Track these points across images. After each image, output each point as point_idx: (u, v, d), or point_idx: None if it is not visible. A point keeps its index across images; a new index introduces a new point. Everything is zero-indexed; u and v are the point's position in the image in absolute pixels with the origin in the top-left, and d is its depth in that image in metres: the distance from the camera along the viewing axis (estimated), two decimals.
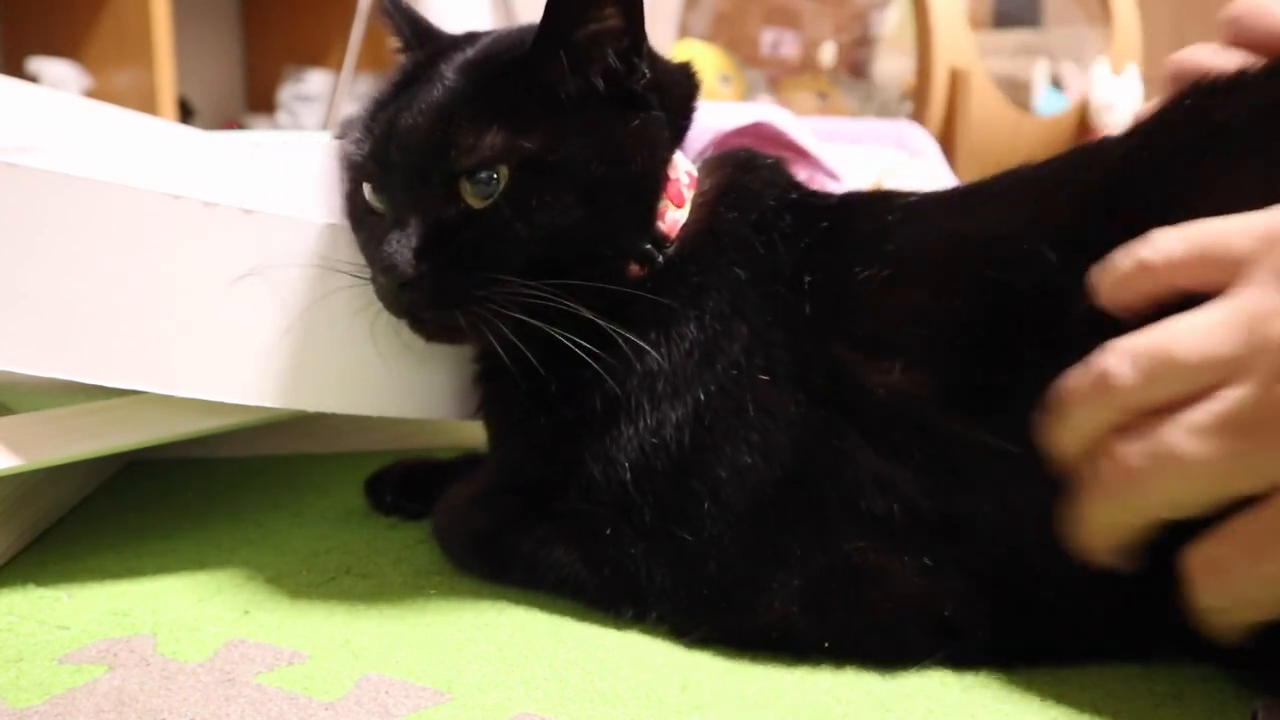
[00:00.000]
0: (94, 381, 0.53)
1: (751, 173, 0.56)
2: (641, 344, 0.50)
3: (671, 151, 0.54)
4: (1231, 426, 0.37)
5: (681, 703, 0.44)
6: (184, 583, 0.57)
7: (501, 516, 0.55)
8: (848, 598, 0.47)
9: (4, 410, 0.63)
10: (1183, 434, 0.38)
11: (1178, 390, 0.38)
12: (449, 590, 0.55)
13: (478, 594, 0.55)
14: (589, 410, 0.51)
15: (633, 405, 0.50)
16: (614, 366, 0.50)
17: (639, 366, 0.50)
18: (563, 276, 0.49)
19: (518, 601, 0.53)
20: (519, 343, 0.50)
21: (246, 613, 0.53)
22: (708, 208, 0.54)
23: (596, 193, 0.50)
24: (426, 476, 0.67)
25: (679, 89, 0.56)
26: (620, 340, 0.50)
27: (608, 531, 0.50)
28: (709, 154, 0.59)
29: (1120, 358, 0.39)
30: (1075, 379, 0.41)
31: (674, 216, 0.54)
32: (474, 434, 0.63)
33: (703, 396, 0.50)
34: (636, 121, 0.52)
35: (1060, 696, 0.44)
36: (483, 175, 0.49)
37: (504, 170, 0.49)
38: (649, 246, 0.53)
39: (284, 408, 0.56)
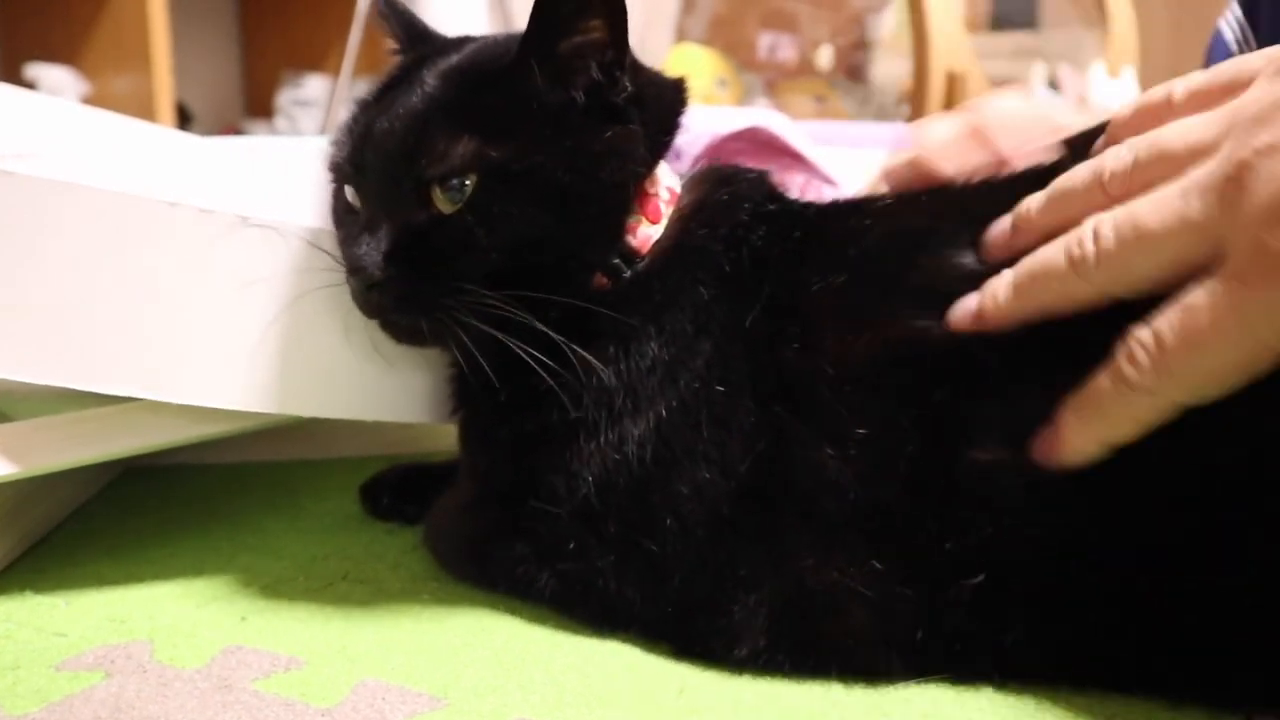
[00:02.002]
0: (90, 388, 0.53)
1: (729, 187, 0.55)
2: (595, 361, 0.50)
3: (649, 166, 0.54)
4: (1194, 189, 0.40)
5: (678, 707, 0.44)
6: (181, 589, 0.57)
7: (486, 527, 0.55)
8: (806, 630, 0.46)
9: (1, 418, 0.63)
10: (1148, 203, 0.41)
11: (1159, 174, 0.42)
12: (445, 596, 0.55)
13: (474, 599, 0.55)
14: (546, 423, 0.51)
15: (589, 420, 0.50)
16: (569, 382, 0.50)
17: (594, 382, 0.50)
18: (526, 288, 0.49)
19: (514, 607, 0.54)
20: (477, 353, 0.50)
21: (244, 619, 0.53)
22: (680, 224, 0.54)
23: (563, 204, 0.50)
24: (422, 480, 0.67)
25: (663, 103, 0.55)
26: (574, 356, 0.49)
27: (572, 546, 0.50)
28: (696, 167, 0.58)
29: (1120, 148, 0.43)
30: (1072, 174, 0.45)
31: (646, 232, 0.53)
32: None
33: (664, 413, 0.49)
34: (609, 134, 0.51)
35: (1057, 699, 0.44)
36: (453, 183, 0.49)
37: (473, 178, 0.49)
38: (617, 261, 0.52)
39: (280, 414, 0.56)
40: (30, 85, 1.93)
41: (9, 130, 0.72)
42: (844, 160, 0.90)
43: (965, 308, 0.45)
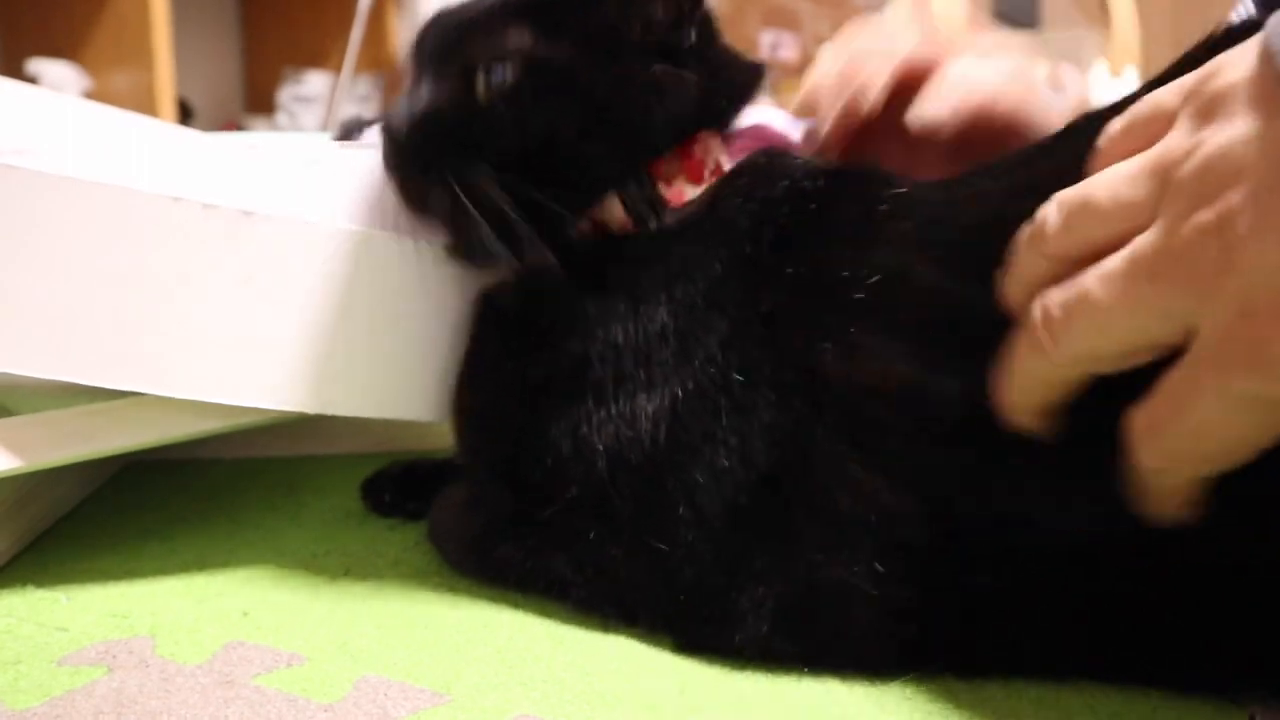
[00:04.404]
0: (93, 383, 0.53)
1: (768, 161, 0.55)
2: (595, 304, 0.51)
3: (697, 124, 0.55)
4: (1140, 269, 0.37)
5: (680, 705, 0.44)
6: (183, 584, 0.57)
7: (491, 519, 0.55)
8: (814, 621, 0.46)
9: (3, 412, 0.63)
10: (1095, 279, 0.38)
11: (1098, 236, 0.39)
12: (448, 592, 0.55)
13: (476, 596, 0.55)
14: (553, 372, 0.51)
15: (598, 380, 0.50)
16: (575, 317, 0.51)
17: (601, 334, 0.50)
18: (546, 192, 0.51)
19: (517, 603, 0.54)
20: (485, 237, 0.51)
21: (245, 614, 0.53)
22: (713, 191, 0.54)
23: (595, 116, 0.52)
24: (425, 476, 0.67)
25: (733, 75, 0.57)
26: (572, 292, 0.51)
27: (591, 535, 0.50)
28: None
29: (1051, 205, 0.41)
30: (1022, 230, 0.42)
31: (683, 188, 0.54)
32: None
33: (679, 393, 0.49)
34: (658, 70, 0.53)
35: (1060, 696, 0.44)
36: (496, 69, 0.51)
37: (515, 68, 0.51)
38: (644, 206, 0.53)
39: (283, 409, 0.56)
40: (32, 80, 1.93)
41: (11, 125, 0.72)
42: None
43: None
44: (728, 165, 0.55)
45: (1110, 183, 0.39)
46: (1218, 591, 0.42)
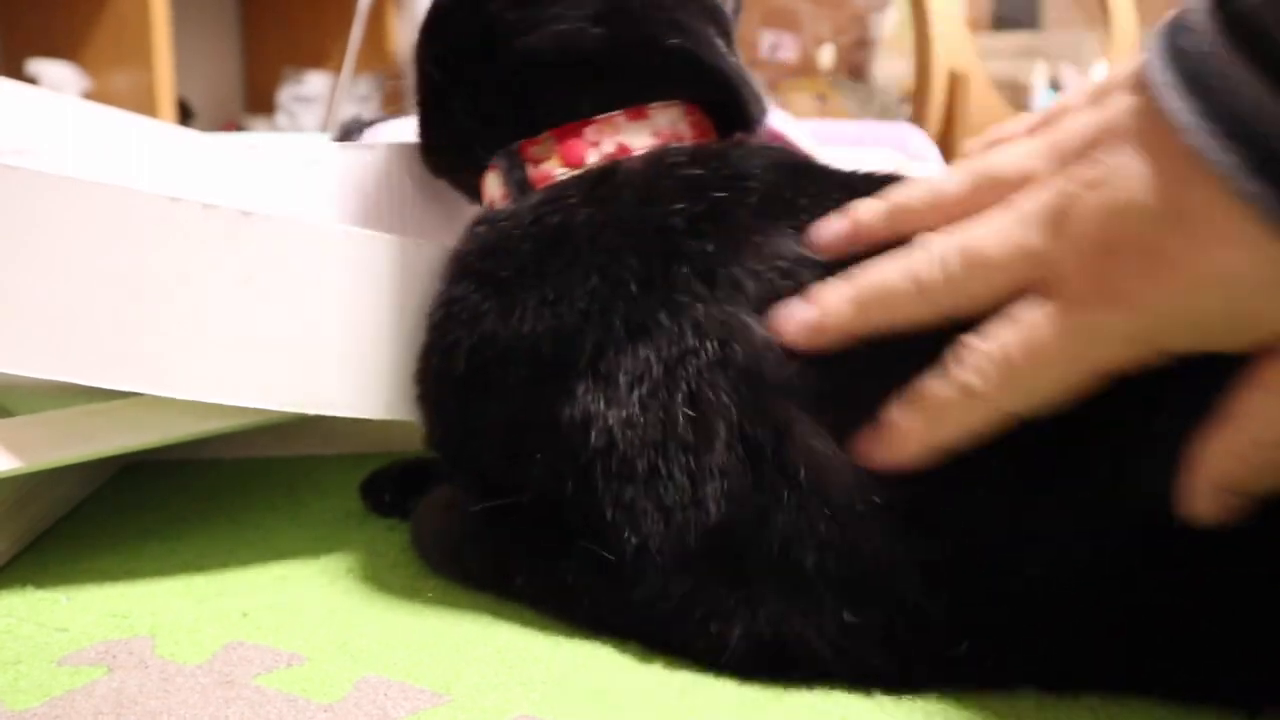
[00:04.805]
0: (93, 383, 0.53)
1: (659, 155, 0.52)
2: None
3: (598, 104, 0.53)
4: (1030, 219, 0.41)
5: (681, 706, 0.44)
6: (182, 585, 0.57)
7: (460, 521, 0.55)
8: (775, 665, 0.45)
9: (3, 412, 0.63)
10: (987, 230, 0.42)
11: (995, 199, 0.42)
12: (447, 592, 0.55)
13: (476, 596, 0.54)
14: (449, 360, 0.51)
15: (475, 367, 0.50)
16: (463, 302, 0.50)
17: (472, 320, 0.50)
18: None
19: (517, 603, 0.53)
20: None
21: (245, 615, 0.53)
22: (577, 183, 0.51)
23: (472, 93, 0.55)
24: (424, 476, 0.67)
25: (646, 50, 0.54)
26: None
27: (534, 538, 0.49)
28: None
29: (955, 170, 0.44)
30: (910, 189, 0.46)
31: (546, 170, 0.52)
32: None
33: (604, 409, 0.46)
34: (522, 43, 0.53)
35: (1060, 700, 0.44)
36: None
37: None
38: (512, 171, 0.53)
39: (282, 409, 0.56)
40: (32, 81, 1.93)
41: (11, 125, 0.72)
42: (846, 159, 0.90)
43: (801, 320, 0.44)
44: (639, 149, 0.52)
45: (1012, 159, 0.43)
46: (1219, 591, 0.42)
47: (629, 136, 0.53)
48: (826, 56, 2.37)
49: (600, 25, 0.53)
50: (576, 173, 0.52)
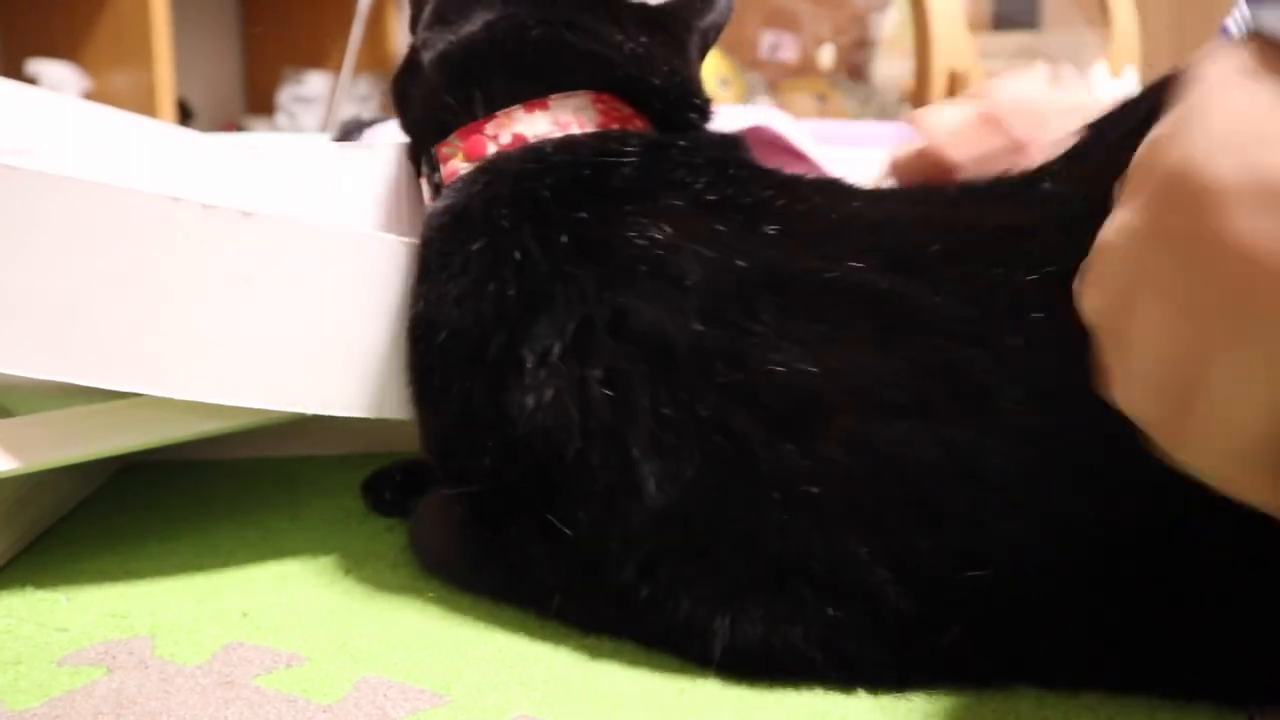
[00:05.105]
0: (93, 383, 0.53)
1: (563, 152, 0.53)
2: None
3: (512, 97, 0.55)
4: None
5: (680, 705, 0.44)
6: (183, 585, 0.57)
7: (452, 523, 0.55)
8: (760, 669, 0.45)
9: (3, 412, 0.63)
10: None
11: None
12: (447, 592, 0.55)
13: (476, 596, 0.55)
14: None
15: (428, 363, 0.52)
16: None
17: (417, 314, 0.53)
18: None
19: (516, 604, 0.53)
20: None
21: (245, 615, 0.53)
22: (464, 176, 0.54)
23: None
24: (424, 476, 0.67)
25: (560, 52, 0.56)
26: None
27: (505, 526, 0.50)
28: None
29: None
30: None
31: (453, 167, 0.55)
32: None
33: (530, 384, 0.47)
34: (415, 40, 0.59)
35: (1059, 699, 0.44)
36: None
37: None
38: (431, 175, 0.57)
39: (283, 410, 0.56)
40: (31, 81, 1.93)
41: (11, 125, 0.72)
42: (846, 159, 0.90)
43: None
44: (535, 137, 0.54)
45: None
46: (1218, 589, 0.42)
47: (525, 127, 0.54)
48: (826, 57, 2.37)
49: (488, 31, 0.57)
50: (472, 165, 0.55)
